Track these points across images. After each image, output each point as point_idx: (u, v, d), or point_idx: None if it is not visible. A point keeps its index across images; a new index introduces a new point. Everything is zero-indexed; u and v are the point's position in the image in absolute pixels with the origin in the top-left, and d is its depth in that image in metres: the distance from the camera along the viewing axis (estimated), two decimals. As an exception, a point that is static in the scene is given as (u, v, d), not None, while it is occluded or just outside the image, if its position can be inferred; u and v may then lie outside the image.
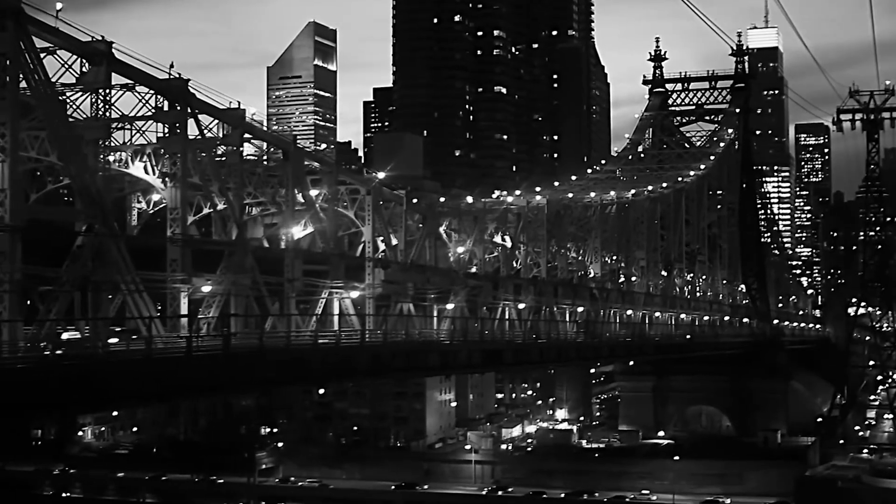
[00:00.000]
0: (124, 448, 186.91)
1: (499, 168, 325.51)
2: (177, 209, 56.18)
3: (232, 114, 60.55)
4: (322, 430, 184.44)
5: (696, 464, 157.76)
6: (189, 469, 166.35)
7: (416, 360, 73.21)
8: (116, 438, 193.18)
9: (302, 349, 58.77)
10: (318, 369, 60.48)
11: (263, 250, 70.00)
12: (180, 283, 55.41)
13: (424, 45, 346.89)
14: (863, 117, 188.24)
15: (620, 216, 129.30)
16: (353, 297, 69.78)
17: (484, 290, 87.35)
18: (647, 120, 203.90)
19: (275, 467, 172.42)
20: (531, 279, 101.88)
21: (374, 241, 74.01)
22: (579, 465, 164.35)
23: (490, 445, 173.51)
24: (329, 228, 70.21)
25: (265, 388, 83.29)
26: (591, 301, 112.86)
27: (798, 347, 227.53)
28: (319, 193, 71.41)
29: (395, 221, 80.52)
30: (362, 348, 64.51)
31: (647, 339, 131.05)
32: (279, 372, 57.48)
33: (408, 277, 76.58)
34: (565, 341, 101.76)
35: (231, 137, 61.00)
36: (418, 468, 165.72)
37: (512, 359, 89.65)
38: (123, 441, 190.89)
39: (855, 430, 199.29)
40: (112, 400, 52.38)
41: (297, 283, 63.88)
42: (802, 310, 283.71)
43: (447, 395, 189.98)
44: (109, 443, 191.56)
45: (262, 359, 54.91)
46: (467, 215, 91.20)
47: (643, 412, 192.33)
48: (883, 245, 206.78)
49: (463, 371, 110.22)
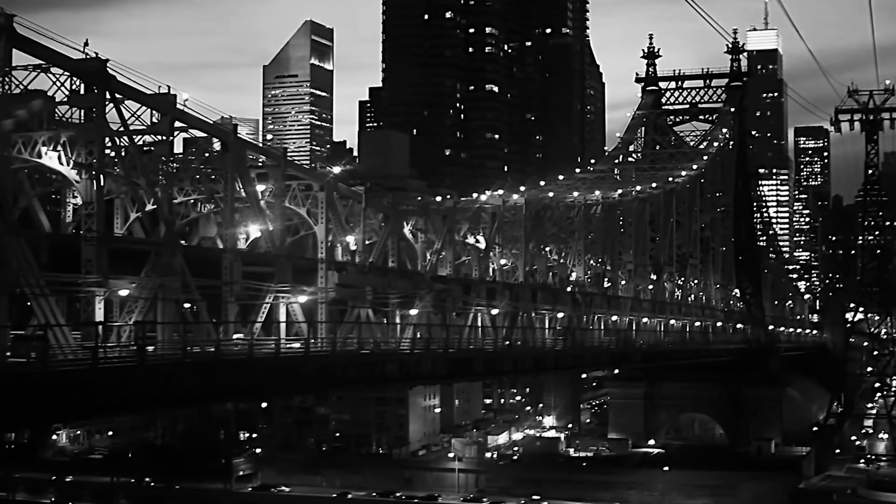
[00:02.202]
0: (99, 453, 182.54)
1: (490, 168, 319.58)
2: (92, 204, 50.47)
3: (160, 99, 54.78)
4: (302, 436, 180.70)
5: (687, 474, 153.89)
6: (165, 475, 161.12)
7: (371, 370, 67.55)
8: (92, 443, 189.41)
9: (235, 360, 53.17)
10: (254, 381, 54.78)
11: (200, 250, 64.32)
12: (95, 287, 49.79)
13: (415, 43, 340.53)
14: (861, 118, 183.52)
15: (606, 217, 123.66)
16: (301, 303, 64.05)
17: (453, 294, 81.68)
18: (640, 119, 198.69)
19: (253, 474, 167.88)
20: (506, 283, 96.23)
21: (327, 240, 68.18)
22: (566, 475, 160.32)
23: (474, 453, 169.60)
24: (276, 227, 64.48)
25: (187, 404, 77.38)
26: (573, 306, 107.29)
27: (794, 354, 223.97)
28: (266, 189, 65.88)
29: (355, 220, 74.85)
30: (307, 358, 58.84)
31: (634, 347, 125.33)
32: (206, 385, 51.77)
33: (366, 281, 71.03)
34: (542, 349, 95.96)
35: (160, 125, 55.33)
36: (400, 476, 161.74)
37: (482, 368, 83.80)
38: (99, 445, 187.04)
39: (851, 440, 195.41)
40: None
41: (237, 287, 58.14)
42: (799, 315, 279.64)
43: (432, 401, 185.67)
44: (84, 447, 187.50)
45: (185, 371, 49.28)
46: (436, 214, 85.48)
47: (633, 420, 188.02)
48: (882, 249, 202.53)
49: (426, 382, 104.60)
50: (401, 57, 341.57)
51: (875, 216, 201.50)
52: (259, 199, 63.65)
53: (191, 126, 57.76)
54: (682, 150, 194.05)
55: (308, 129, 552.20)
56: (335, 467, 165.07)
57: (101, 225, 50.57)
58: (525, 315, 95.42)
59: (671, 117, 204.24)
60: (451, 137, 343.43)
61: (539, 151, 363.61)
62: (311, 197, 68.63)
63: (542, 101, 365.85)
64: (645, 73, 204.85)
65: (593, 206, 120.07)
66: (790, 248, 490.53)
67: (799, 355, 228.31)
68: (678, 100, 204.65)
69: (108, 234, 52.38)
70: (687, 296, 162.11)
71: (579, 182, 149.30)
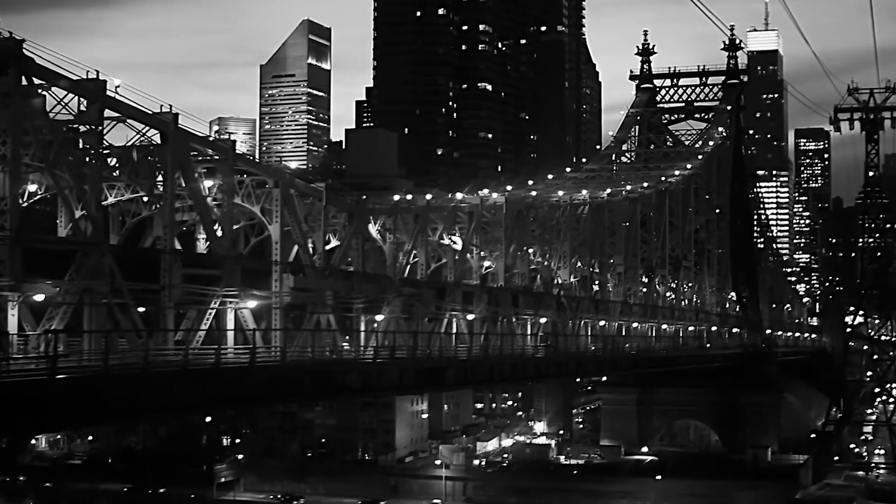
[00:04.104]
0: (79, 458, 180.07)
1: (483, 168, 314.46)
2: (4, 199, 45.66)
3: (86, 85, 49.89)
4: (286, 442, 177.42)
5: (681, 483, 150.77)
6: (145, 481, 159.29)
7: (329, 381, 62.65)
8: (71, 448, 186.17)
9: (166, 372, 48.37)
10: (189, 395, 49.95)
11: (135, 252, 59.51)
12: (8, 291, 45.03)
13: (406, 40, 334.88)
14: (862, 116, 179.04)
15: (594, 218, 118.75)
16: (251, 308, 59.20)
17: (424, 298, 76.77)
18: (633, 117, 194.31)
19: (235, 480, 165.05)
20: (484, 286, 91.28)
21: (282, 241, 63.30)
22: (556, 483, 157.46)
23: (462, 460, 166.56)
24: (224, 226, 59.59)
25: (109, 422, 72.56)
26: (557, 311, 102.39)
27: (792, 358, 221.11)
28: (213, 185, 61.07)
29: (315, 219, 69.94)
30: (253, 368, 53.97)
31: (622, 353, 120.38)
32: (134, 399, 46.95)
33: (327, 284, 66.15)
34: (522, 356, 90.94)
35: (87, 114, 50.50)
36: (386, 483, 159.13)
37: (455, 378, 78.79)
38: (78, 450, 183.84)
39: (850, 448, 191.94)
40: None
41: (176, 291, 53.30)
42: (798, 318, 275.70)
43: (420, 406, 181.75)
44: (64, 452, 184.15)
45: (109, 384, 44.48)
46: (407, 213, 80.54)
47: (627, 426, 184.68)
48: (882, 252, 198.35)
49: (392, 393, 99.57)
50: (392, 55, 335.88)
51: (875, 218, 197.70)
52: (203, 196, 58.77)
53: (124, 115, 52.92)
54: (677, 149, 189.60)
55: (305, 129, 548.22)
56: (320, 474, 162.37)
57: (16, 222, 45.72)
58: (505, 320, 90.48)
59: (666, 116, 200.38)
60: (443, 136, 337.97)
61: (533, 151, 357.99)
62: (266, 194, 63.83)
63: (536, 100, 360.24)
64: (640, 71, 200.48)
65: (580, 206, 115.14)
66: (790, 250, 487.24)
67: (797, 360, 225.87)
68: (673, 98, 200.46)
69: (27, 232, 47.38)
70: (680, 299, 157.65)
71: (569, 181, 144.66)
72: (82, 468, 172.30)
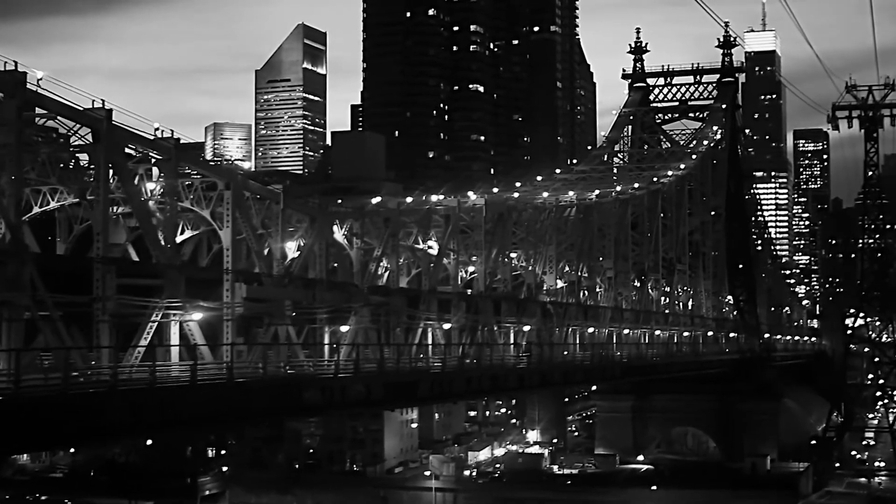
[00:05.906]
0: (60, 471, 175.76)
1: (475, 171, 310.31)
2: None
3: (2, 77, 45.37)
4: (273, 453, 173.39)
5: (678, 493, 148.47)
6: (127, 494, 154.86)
7: (284, 397, 57.87)
8: (53, 461, 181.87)
9: (94, 393, 43.70)
10: (116, 418, 45.25)
11: (64, 261, 54.78)
12: None
13: (396, 41, 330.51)
14: (860, 114, 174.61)
15: (583, 220, 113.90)
16: (198, 320, 54.49)
17: (394, 307, 72.02)
18: (626, 116, 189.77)
19: (220, 493, 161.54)
20: (462, 293, 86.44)
21: (234, 247, 58.55)
22: (549, 494, 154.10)
23: (452, 471, 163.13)
24: (166, 231, 54.90)
25: (20, 450, 67.86)
26: (543, 318, 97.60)
27: (791, 362, 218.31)
28: (155, 187, 56.41)
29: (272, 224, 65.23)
30: (194, 386, 49.24)
31: (613, 361, 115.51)
32: (54, 424, 42.31)
33: (285, 294, 61.50)
34: (503, 367, 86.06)
35: (3, 110, 45.87)
36: (375, 495, 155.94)
37: (428, 392, 73.97)
38: (60, 464, 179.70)
39: (852, 454, 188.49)
40: None
41: (111, 303, 48.62)
42: (797, 321, 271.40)
43: (410, 415, 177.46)
44: (45, 465, 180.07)
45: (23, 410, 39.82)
46: (376, 216, 75.71)
47: (622, 434, 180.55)
48: (882, 253, 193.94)
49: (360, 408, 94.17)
50: (382, 56, 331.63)
51: (875, 219, 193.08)
52: (141, 199, 54.08)
53: (48, 111, 48.23)
54: (671, 148, 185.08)
55: (301, 134, 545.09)
56: (307, 486, 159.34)
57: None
58: (485, 329, 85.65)
59: (660, 115, 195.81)
60: (434, 139, 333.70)
61: (526, 153, 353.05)
62: (216, 197, 59.09)
63: (529, 102, 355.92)
64: (632, 69, 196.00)
65: (567, 209, 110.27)
66: (789, 252, 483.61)
67: (796, 364, 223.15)
68: (667, 97, 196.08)
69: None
70: (674, 304, 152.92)
71: (558, 182, 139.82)
72: (64, 481, 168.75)
